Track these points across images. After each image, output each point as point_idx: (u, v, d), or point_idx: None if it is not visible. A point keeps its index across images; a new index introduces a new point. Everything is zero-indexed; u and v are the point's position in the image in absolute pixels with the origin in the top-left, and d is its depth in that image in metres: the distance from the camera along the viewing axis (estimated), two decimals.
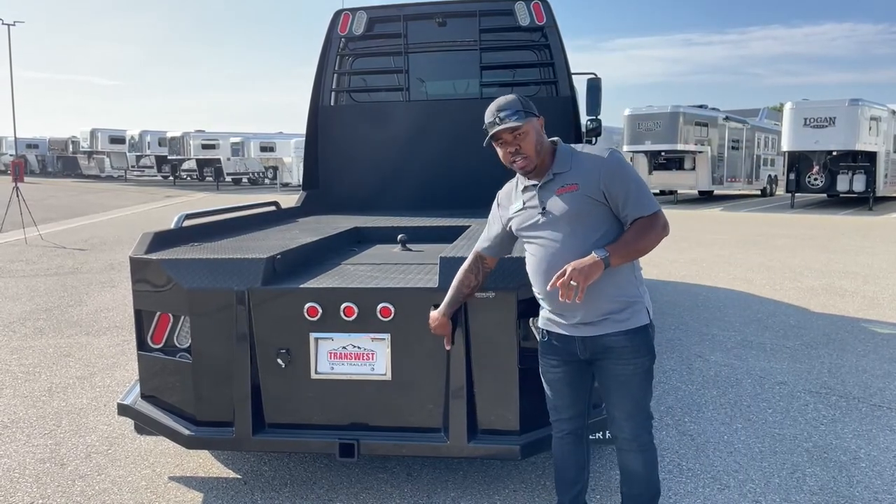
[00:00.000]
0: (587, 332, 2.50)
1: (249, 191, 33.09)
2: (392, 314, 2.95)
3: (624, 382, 2.52)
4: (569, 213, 2.43)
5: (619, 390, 2.55)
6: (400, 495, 3.29)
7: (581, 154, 2.51)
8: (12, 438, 4.01)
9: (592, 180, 2.41)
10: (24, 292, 8.31)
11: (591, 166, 2.44)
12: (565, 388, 2.68)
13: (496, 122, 2.47)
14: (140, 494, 3.34)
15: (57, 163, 48.42)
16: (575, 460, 2.78)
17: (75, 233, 14.83)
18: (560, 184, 2.46)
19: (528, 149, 2.47)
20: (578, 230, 2.43)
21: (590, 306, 2.44)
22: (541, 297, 2.59)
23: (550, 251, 2.49)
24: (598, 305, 2.45)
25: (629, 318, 2.47)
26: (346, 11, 5.91)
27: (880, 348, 5.80)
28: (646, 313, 2.51)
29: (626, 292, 2.47)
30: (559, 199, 2.45)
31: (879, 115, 21.22)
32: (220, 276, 3.08)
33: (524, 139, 2.46)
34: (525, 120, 2.44)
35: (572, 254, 2.40)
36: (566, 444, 2.76)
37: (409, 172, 5.90)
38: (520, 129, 2.44)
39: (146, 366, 3.31)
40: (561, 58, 5.61)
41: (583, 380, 2.66)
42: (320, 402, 3.07)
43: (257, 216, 4.84)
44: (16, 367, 5.39)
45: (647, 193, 2.45)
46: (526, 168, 2.51)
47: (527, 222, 2.56)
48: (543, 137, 2.52)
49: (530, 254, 2.58)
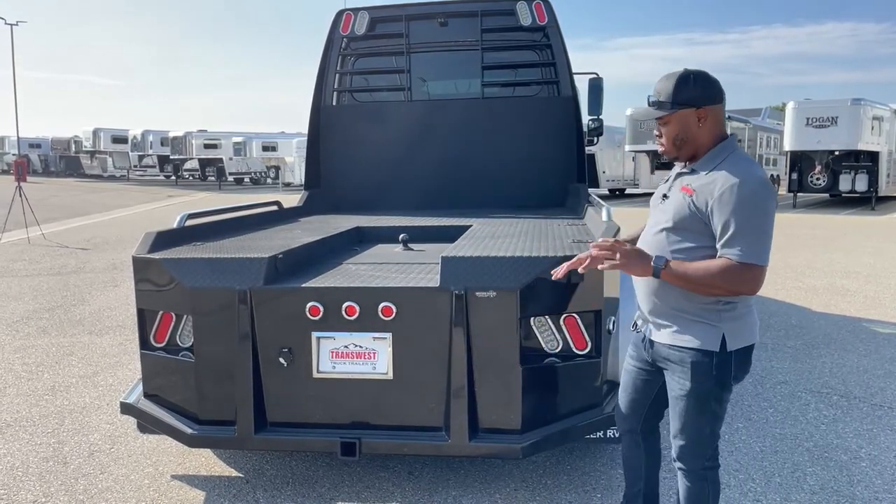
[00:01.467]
0: (650, 334, 2.44)
1: (251, 190, 33.11)
2: (394, 313, 2.96)
3: (675, 399, 2.38)
4: (672, 212, 2.31)
5: (671, 405, 2.42)
6: (401, 494, 3.30)
7: (727, 163, 2.26)
8: (15, 437, 4.03)
9: (708, 194, 2.21)
10: (27, 292, 8.33)
11: (720, 181, 2.20)
12: (629, 384, 2.62)
13: (648, 101, 2.36)
14: (143, 493, 3.35)
15: (59, 162, 48.50)
16: (631, 464, 2.75)
17: (78, 232, 14.86)
18: (688, 181, 2.31)
19: (666, 139, 2.35)
20: (672, 233, 2.31)
21: (657, 307, 2.37)
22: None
23: (644, 240, 2.44)
24: (665, 309, 2.35)
25: (691, 336, 2.29)
26: (348, 11, 5.92)
27: (882, 348, 5.80)
28: (717, 339, 2.26)
29: (698, 308, 2.28)
30: (676, 195, 2.33)
31: (882, 115, 21.20)
32: (223, 276, 3.09)
33: (664, 128, 2.34)
34: (669, 111, 2.29)
35: (652, 252, 2.31)
36: (625, 442, 2.75)
37: (410, 172, 5.91)
38: (662, 118, 2.34)
39: (149, 365, 3.32)
40: (562, 58, 5.61)
41: (648, 383, 2.56)
42: (322, 401, 3.08)
43: (259, 216, 4.86)
44: (19, 366, 5.41)
45: (752, 241, 2.15)
46: (663, 154, 2.40)
47: (654, 199, 2.48)
48: (695, 130, 2.29)
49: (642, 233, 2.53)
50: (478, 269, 2.96)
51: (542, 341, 3.05)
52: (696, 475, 2.44)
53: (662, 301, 2.34)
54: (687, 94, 2.26)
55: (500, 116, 5.78)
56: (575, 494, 3.29)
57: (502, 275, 2.93)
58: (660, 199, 2.43)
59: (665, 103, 2.29)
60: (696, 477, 2.44)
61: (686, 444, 2.41)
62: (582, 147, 5.65)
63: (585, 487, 3.35)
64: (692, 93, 2.27)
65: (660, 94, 2.31)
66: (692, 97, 2.26)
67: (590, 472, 3.51)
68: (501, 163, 5.75)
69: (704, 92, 2.28)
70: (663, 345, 2.37)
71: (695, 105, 2.27)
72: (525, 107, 5.77)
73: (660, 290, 2.32)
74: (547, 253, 3.04)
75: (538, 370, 3.00)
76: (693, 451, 2.41)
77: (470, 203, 5.67)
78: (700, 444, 2.40)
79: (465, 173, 5.82)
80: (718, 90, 2.31)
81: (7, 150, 48.51)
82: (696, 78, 2.28)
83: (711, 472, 2.45)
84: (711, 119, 2.28)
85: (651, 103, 2.34)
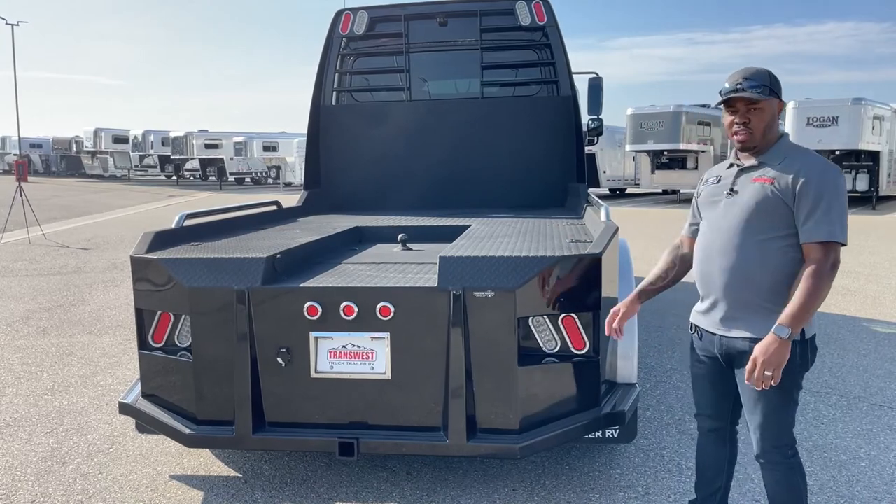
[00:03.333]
0: (722, 332, 2.45)
1: (252, 190, 33.13)
2: (391, 313, 2.96)
3: (756, 392, 2.39)
4: (751, 203, 2.35)
5: (748, 400, 2.45)
6: (400, 494, 3.30)
7: (799, 153, 2.39)
8: (14, 437, 4.03)
9: (791, 180, 2.29)
10: (27, 291, 8.34)
11: (800, 167, 2.30)
12: (707, 385, 2.63)
13: (737, 88, 2.36)
14: (141, 493, 3.35)
15: (60, 162, 48.56)
16: (714, 461, 2.74)
17: (78, 232, 14.87)
18: (760, 173, 2.37)
19: (758, 126, 2.37)
20: (752, 225, 2.35)
21: (732, 305, 2.40)
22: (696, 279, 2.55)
23: (715, 235, 2.45)
24: (741, 306, 2.39)
25: (764, 328, 2.31)
26: (348, 11, 5.91)
27: (882, 348, 5.79)
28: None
29: (774, 301, 2.33)
30: (751, 187, 2.37)
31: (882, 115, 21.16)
32: (221, 276, 3.09)
33: (757, 115, 2.36)
34: (767, 97, 2.35)
35: (732, 246, 2.37)
36: (707, 442, 2.74)
37: (410, 172, 5.91)
38: (757, 104, 2.36)
39: (147, 365, 3.32)
40: (562, 57, 5.61)
41: (725, 379, 2.57)
42: (320, 401, 3.07)
43: (258, 216, 4.86)
44: (18, 366, 5.41)
45: (835, 220, 2.26)
46: (745, 143, 2.41)
47: (711, 198, 2.50)
48: (776, 122, 2.42)
49: (701, 233, 2.55)
50: (476, 268, 2.96)
51: (541, 341, 3.05)
52: (784, 465, 2.46)
53: (742, 292, 2.38)
54: (774, 83, 2.39)
55: (500, 116, 5.78)
56: (573, 494, 3.28)
57: (500, 275, 2.92)
58: (724, 196, 2.45)
59: (763, 88, 2.35)
60: (785, 468, 2.46)
61: (771, 437, 2.44)
62: (581, 147, 5.64)
63: (584, 487, 3.35)
64: (776, 83, 2.40)
65: (754, 79, 2.36)
66: (779, 89, 2.40)
67: (588, 472, 3.50)
68: (501, 162, 5.75)
69: (780, 88, 2.41)
70: (743, 338, 2.39)
71: (780, 97, 2.40)
72: (524, 106, 5.77)
73: (738, 282, 2.37)
74: (545, 253, 3.03)
75: (536, 370, 2.99)
76: (778, 442, 2.44)
77: (469, 203, 5.67)
78: (783, 435, 2.44)
79: (464, 173, 5.82)
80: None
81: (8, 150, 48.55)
82: (772, 73, 2.41)
83: (795, 458, 2.48)
84: (780, 115, 2.43)
85: (746, 88, 2.34)
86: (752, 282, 2.35)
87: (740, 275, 2.37)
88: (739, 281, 2.37)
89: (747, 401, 2.47)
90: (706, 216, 2.53)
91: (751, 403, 2.45)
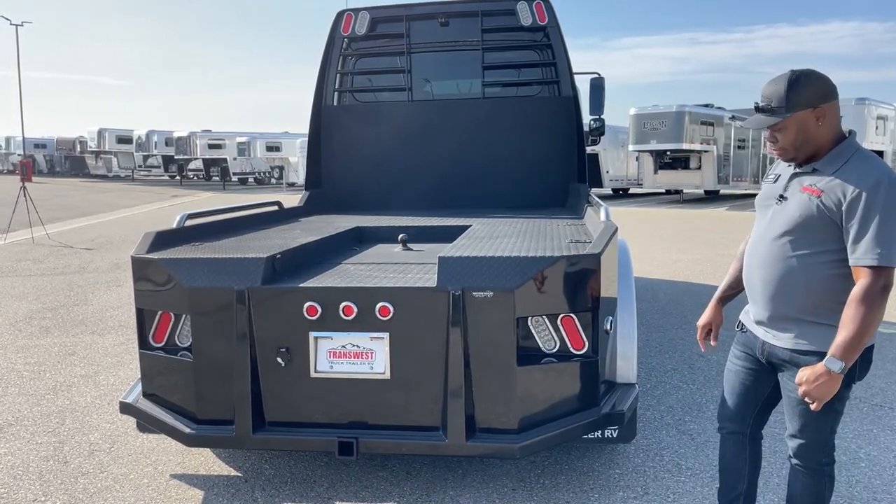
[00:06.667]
0: (767, 338, 2.40)
1: (256, 190, 33.19)
2: (391, 313, 2.97)
3: (795, 400, 2.32)
4: (796, 216, 2.22)
5: (791, 406, 2.39)
6: (399, 493, 3.31)
7: (858, 161, 2.19)
8: (17, 436, 4.05)
9: (840, 194, 2.14)
10: (31, 291, 8.37)
11: (852, 181, 2.13)
12: (738, 385, 2.59)
13: (756, 107, 2.28)
14: (142, 492, 3.36)
15: (65, 162, 48.73)
16: (734, 465, 2.69)
17: (82, 232, 14.91)
18: (811, 181, 2.22)
19: (785, 143, 2.25)
20: (796, 238, 2.24)
21: (777, 312, 2.33)
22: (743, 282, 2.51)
23: (759, 244, 2.38)
24: (786, 315, 2.31)
25: (817, 340, 2.24)
26: (349, 12, 5.93)
27: (882, 348, 5.78)
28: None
29: (821, 311, 2.24)
30: (799, 196, 2.24)
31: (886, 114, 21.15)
32: (221, 276, 3.10)
33: (781, 134, 2.25)
34: (784, 117, 2.20)
35: (774, 260, 2.28)
36: (727, 444, 2.70)
37: (411, 172, 5.92)
38: (775, 125, 2.24)
39: (148, 364, 3.34)
40: (563, 58, 5.62)
41: (758, 384, 2.53)
42: (320, 401, 3.08)
43: (260, 216, 4.87)
44: (21, 365, 5.43)
45: (887, 241, 2.09)
46: (781, 157, 2.33)
47: (764, 200, 2.40)
48: (814, 131, 2.22)
49: (750, 236, 2.48)
50: (475, 269, 2.96)
51: (540, 341, 3.05)
52: (815, 472, 2.44)
53: (783, 307, 2.30)
54: (801, 95, 2.19)
55: (501, 116, 5.79)
56: (573, 494, 3.29)
57: (499, 275, 2.93)
58: (775, 201, 2.34)
59: (779, 109, 2.21)
60: (815, 473, 2.44)
61: (807, 444, 2.40)
62: (582, 147, 5.65)
63: (583, 487, 3.35)
64: (806, 93, 2.19)
65: (770, 99, 2.23)
66: (807, 98, 2.19)
67: (588, 472, 3.51)
68: (502, 163, 5.75)
69: (818, 90, 2.21)
70: (785, 349, 2.32)
71: (811, 105, 2.19)
72: (525, 107, 5.77)
73: (779, 296, 2.29)
74: (544, 253, 3.04)
75: (535, 370, 3.00)
76: (813, 449, 2.41)
77: (471, 203, 5.67)
78: (820, 443, 2.40)
79: (466, 173, 5.83)
80: (831, 86, 2.23)
81: (13, 150, 48.70)
82: (806, 77, 2.21)
83: (829, 467, 2.45)
84: (829, 117, 2.21)
85: (762, 109, 2.25)
86: (794, 299, 2.27)
87: (781, 291, 2.29)
88: (780, 296, 2.29)
89: (788, 404, 2.41)
90: (757, 221, 2.44)
91: (791, 406, 2.39)
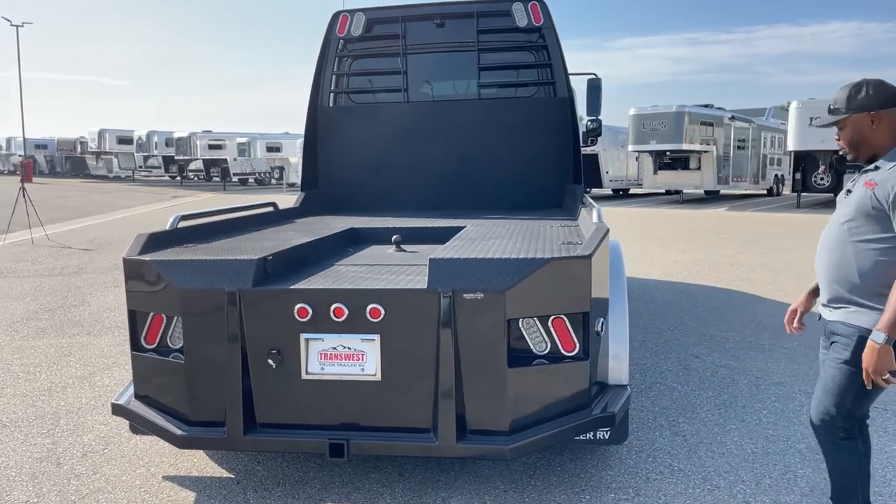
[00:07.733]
0: (826, 314, 2.63)
1: (256, 191, 33.21)
2: (382, 315, 2.97)
3: (827, 367, 2.60)
4: (855, 205, 2.48)
5: (822, 373, 2.63)
6: (391, 495, 3.31)
7: None
8: (10, 437, 4.05)
9: (889, 188, 2.38)
10: (29, 292, 8.38)
11: None
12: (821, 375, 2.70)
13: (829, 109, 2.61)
14: (134, 493, 3.37)
15: (65, 163, 48.74)
16: (832, 460, 2.74)
17: (82, 233, 14.92)
18: (871, 177, 2.48)
19: (844, 140, 2.59)
20: (853, 227, 2.48)
21: (836, 293, 2.55)
22: None
23: (829, 230, 2.62)
24: (842, 295, 2.53)
25: (864, 318, 2.46)
26: (345, 13, 5.93)
27: None
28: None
29: (867, 298, 2.46)
30: (860, 189, 2.49)
31: None
32: (212, 277, 3.10)
33: (842, 133, 2.59)
34: (841, 116, 2.54)
35: (836, 244, 2.53)
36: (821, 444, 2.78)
37: (407, 173, 5.92)
38: (837, 122, 2.58)
39: (140, 366, 3.34)
40: (559, 58, 5.62)
41: None
42: (311, 403, 3.08)
43: (255, 217, 4.87)
44: (17, 366, 5.44)
45: None
46: (846, 154, 2.63)
47: (839, 196, 2.66)
48: (869, 133, 2.52)
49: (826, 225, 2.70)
50: (465, 270, 2.96)
51: (531, 343, 3.05)
52: (832, 444, 2.66)
53: (839, 287, 2.54)
54: (859, 100, 2.51)
55: (497, 117, 5.79)
56: (564, 496, 3.29)
57: (490, 276, 2.93)
58: (844, 195, 2.61)
59: (839, 109, 2.55)
60: (833, 446, 2.66)
61: (821, 413, 2.62)
62: (578, 148, 5.65)
63: (575, 489, 3.35)
64: (865, 99, 2.50)
65: (836, 101, 2.57)
66: (865, 103, 2.50)
67: (579, 473, 3.51)
68: (498, 164, 5.76)
69: (877, 97, 2.49)
70: (836, 322, 2.56)
71: (867, 109, 2.49)
72: (521, 108, 5.78)
73: (837, 277, 2.53)
74: (535, 254, 3.04)
75: (526, 372, 3.00)
76: (827, 419, 2.61)
77: (466, 204, 5.68)
78: (836, 415, 2.58)
79: (461, 174, 5.84)
80: (892, 95, 2.50)
81: (13, 150, 48.74)
82: (868, 85, 2.52)
83: (846, 442, 2.63)
84: (886, 121, 2.49)
85: (830, 110, 2.60)
86: (851, 282, 2.50)
87: (840, 274, 2.53)
88: (839, 279, 2.53)
89: (822, 376, 2.64)
90: (834, 213, 2.66)
91: (822, 378, 2.64)
